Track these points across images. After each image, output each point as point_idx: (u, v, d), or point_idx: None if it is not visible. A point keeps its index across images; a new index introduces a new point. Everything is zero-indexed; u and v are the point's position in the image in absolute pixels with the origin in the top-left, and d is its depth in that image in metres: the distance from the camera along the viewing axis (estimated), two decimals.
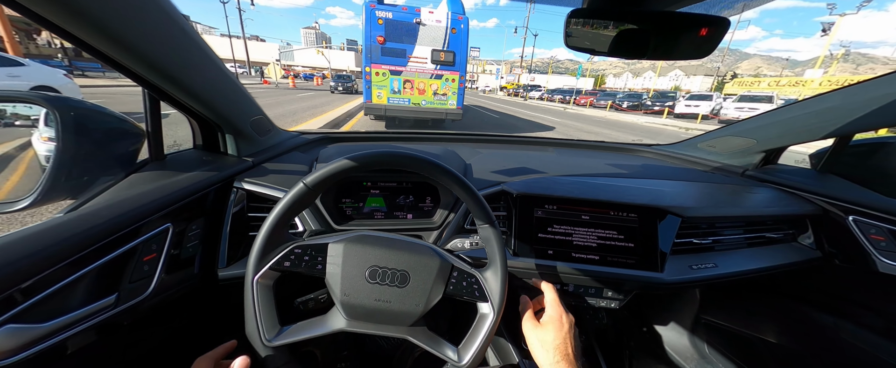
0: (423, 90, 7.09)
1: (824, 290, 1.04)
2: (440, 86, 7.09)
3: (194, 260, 0.69)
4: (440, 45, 6.74)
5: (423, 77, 6.98)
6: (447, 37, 6.68)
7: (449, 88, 7.13)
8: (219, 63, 0.69)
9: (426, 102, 7.21)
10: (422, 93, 7.13)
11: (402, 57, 6.74)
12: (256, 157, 0.88)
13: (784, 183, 1.08)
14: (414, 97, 7.13)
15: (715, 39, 0.54)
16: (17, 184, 0.71)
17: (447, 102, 7.26)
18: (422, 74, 6.95)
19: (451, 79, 7.05)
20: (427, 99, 7.19)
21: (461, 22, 6.60)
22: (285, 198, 0.50)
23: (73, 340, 0.47)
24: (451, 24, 6.59)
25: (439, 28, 6.61)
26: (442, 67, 6.92)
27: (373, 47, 6.51)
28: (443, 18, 6.56)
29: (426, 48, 6.72)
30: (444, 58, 6.80)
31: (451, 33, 6.64)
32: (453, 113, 7.35)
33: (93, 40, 0.46)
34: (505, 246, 0.59)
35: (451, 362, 0.55)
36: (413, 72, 6.89)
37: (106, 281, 0.51)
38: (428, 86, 7.08)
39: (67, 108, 0.58)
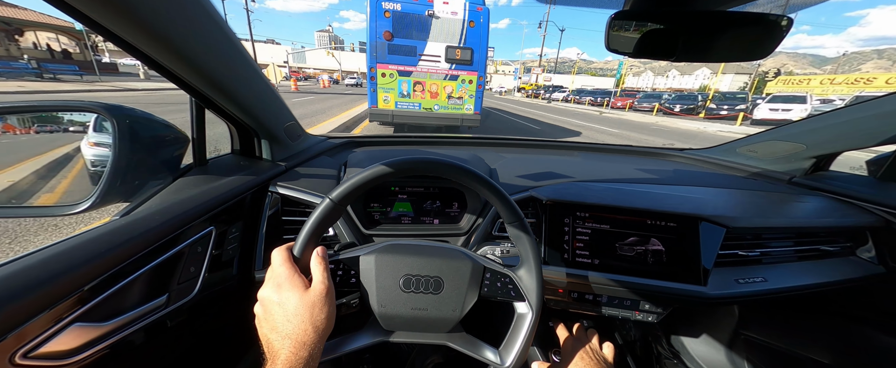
0: (437, 93, 6.12)
1: (887, 309, 0.95)
2: (455, 88, 6.12)
3: (233, 262, 0.72)
4: (456, 40, 5.73)
5: (437, 78, 6.00)
6: (464, 31, 5.67)
7: (465, 91, 6.17)
8: (259, 71, 0.71)
9: (439, 107, 6.27)
10: (434, 97, 6.16)
11: (413, 55, 5.78)
12: (289, 162, 0.90)
13: (839, 191, 1.00)
14: (425, 101, 6.18)
15: (773, 40, 0.51)
16: (70, 186, 0.77)
17: (463, 107, 6.32)
18: (435, 75, 5.97)
19: (469, 81, 6.08)
20: (440, 103, 6.24)
21: (480, 14, 5.58)
22: (314, 216, 0.49)
23: (128, 339, 0.49)
24: (470, 17, 5.60)
25: (455, 21, 5.61)
26: (458, 67, 5.92)
27: (378, 44, 5.58)
28: (459, 10, 5.54)
29: (440, 45, 5.73)
30: (460, 56, 5.78)
31: (469, 27, 5.64)
32: (470, 118, 6.41)
33: (153, 52, 0.49)
34: (537, 243, 0.57)
35: (494, 365, 0.55)
36: (425, 72, 5.92)
37: (159, 281, 0.53)
38: (441, 89, 6.10)
39: (123, 116, 0.61)
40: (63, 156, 0.78)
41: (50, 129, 0.79)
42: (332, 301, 0.48)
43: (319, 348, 0.44)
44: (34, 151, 0.77)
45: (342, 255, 0.56)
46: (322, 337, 0.45)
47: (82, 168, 0.75)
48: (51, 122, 0.79)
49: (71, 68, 19.99)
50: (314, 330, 0.43)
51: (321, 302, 0.45)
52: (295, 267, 0.47)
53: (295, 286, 0.45)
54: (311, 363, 0.42)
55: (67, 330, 0.41)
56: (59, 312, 0.40)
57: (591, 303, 0.88)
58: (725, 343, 1.22)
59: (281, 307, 0.44)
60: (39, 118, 0.78)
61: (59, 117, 0.81)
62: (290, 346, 0.41)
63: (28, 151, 0.78)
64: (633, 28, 0.58)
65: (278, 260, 0.48)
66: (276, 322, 0.43)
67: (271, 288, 0.46)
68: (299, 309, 0.44)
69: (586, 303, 0.88)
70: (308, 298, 0.45)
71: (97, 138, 0.76)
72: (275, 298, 0.45)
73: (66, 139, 0.78)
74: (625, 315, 0.88)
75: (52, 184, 0.77)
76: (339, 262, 0.55)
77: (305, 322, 0.43)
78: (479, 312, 0.61)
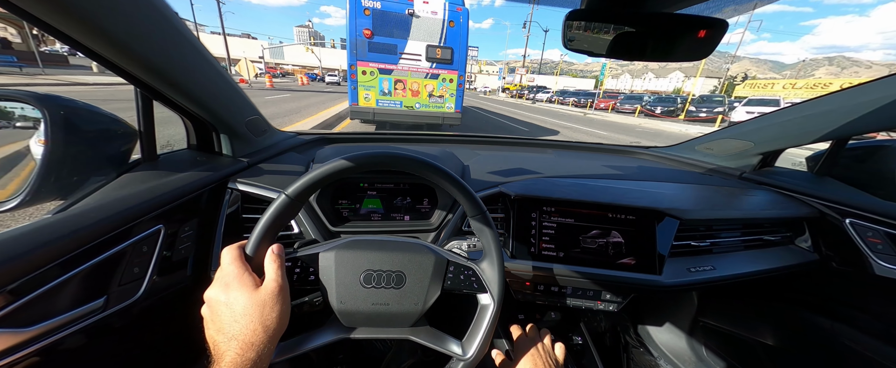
0: (417, 91, 6.25)
1: (821, 293, 1.04)
2: (436, 86, 6.27)
3: (187, 262, 0.68)
4: (436, 39, 5.87)
5: (417, 76, 6.13)
6: (444, 30, 5.83)
7: (446, 89, 6.32)
8: (213, 61, 0.68)
9: (420, 105, 6.41)
10: (415, 95, 6.28)
11: (393, 53, 5.88)
12: (252, 158, 0.87)
13: (781, 185, 1.08)
14: (406, 99, 6.29)
15: (713, 41, 0.54)
16: (12, 187, 0.70)
17: (444, 105, 6.46)
18: (415, 73, 6.09)
19: (449, 80, 6.24)
20: (422, 101, 6.38)
21: (460, 14, 5.76)
22: (268, 212, 0.48)
23: (60, 344, 0.45)
24: (450, 17, 5.74)
25: (435, 20, 5.76)
26: (438, 66, 6.08)
27: (359, 42, 5.63)
28: (439, 10, 5.70)
29: (420, 43, 5.86)
30: (440, 55, 5.94)
31: (449, 27, 5.81)
32: (451, 117, 6.57)
33: (84, 38, 0.45)
34: (499, 236, 0.58)
35: (456, 356, 0.55)
36: (405, 70, 6.04)
37: (95, 283, 0.50)
38: (422, 87, 6.23)
39: (57, 107, 0.57)
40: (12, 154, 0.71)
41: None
42: (286, 299, 0.46)
43: (270, 349, 0.43)
44: None
45: (300, 253, 0.54)
46: (273, 338, 0.43)
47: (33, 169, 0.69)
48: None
49: (7, 59, 17.74)
50: (264, 331, 0.42)
51: (273, 300, 0.44)
52: (245, 266, 0.46)
53: (244, 285, 0.44)
54: (259, 364, 0.40)
55: None
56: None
57: (556, 295, 0.91)
58: (686, 330, 1.30)
59: (228, 307, 0.42)
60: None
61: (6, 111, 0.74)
62: (237, 347, 0.40)
63: None
64: (592, 29, 0.60)
65: (228, 258, 0.46)
66: (223, 324, 0.42)
67: (219, 287, 0.44)
68: (248, 309, 0.42)
69: (552, 295, 0.90)
70: (258, 297, 0.43)
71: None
72: (222, 298, 0.43)
73: (14, 136, 0.70)
74: (588, 306, 0.91)
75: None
76: (296, 260, 0.54)
77: (254, 322, 0.42)
78: (446, 305, 0.61)
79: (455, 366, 0.55)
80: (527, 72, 56.27)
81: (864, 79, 1.07)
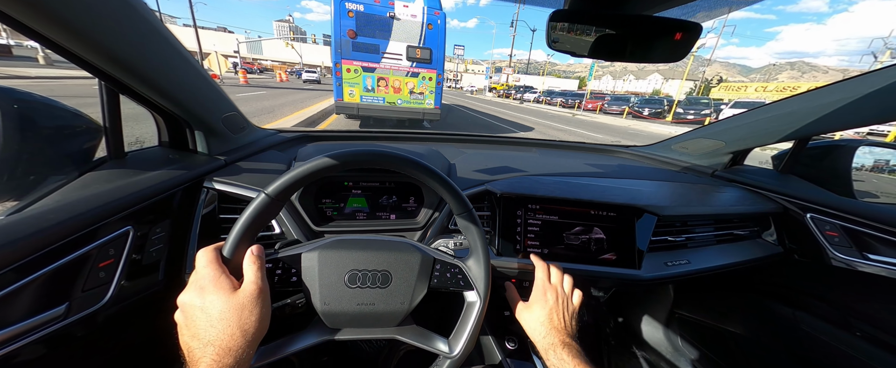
0: (399, 88, 6.74)
1: (786, 284, 1.11)
2: (417, 84, 6.77)
3: (159, 266, 0.65)
4: (416, 41, 6.39)
5: (399, 74, 6.62)
6: (423, 32, 6.35)
7: (426, 87, 6.83)
8: (185, 54, 0.65)
9: (402, 101, 6.87)
10: (397, 92, 6.77)
11: (376, 53, 6.35)
12: (229, 156, 0.83)
13: (749, 182, 1.14)
14: (389, 96, 6.76)
15: (688, 44, 0.56)
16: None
17: (424, 102, 6.96)
18: (397, 72, 6.59)
19: (429, 78, 6.76)
20: (403, 98, 6.84)
21: (438, 17, 6.31)
22: (247, 212, 0.46)
23: (15, 355, 0.42)
24: (428, 20, 6.26)
25: (414, 23, 6.27)
26: (418, 65, 6.60)
27: (343, 42, 6.09)
28: (418, 13, 6.21)
29: (401, 44, 6.35)
30: (420, 55, 6.45)
31: (428, 29, 6.33)
32: (431, 113, 7.09)
33: (41, 27, 0.42)
34: (484, 233, 0.59)
35: (443, 354, 0.55)
36: (387, 69, 6.51)
37: (55, 289, 0.46)
38: (404, 85, 6.72)
39: (10, 100, 0.52)
40: None
41: None
42: (266, 302, 0.45)
43: (249, 354, 0.41)
44: None
45: (282, 254, 0.53)
46: (252, 342, 0.42)
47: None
48: None
49: None
50: (242, 335, 0.40)
51: (252, 303, 0.42)
52: (222, 268, 0.44)
53: (220, 288, 0.42)
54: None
55: None
56: None
57: None
58: (663, 321, 1.36)
59: (204, 311, 0.40)
60: None
61: None
62: (213, 353, 0.38)
63: None
64: (575, 30, 0.61)
65: (203, 260, 0.44)
66: (198, 329, 0.40)
67: (194, 291, 0.42)
68: (225, 313, 0.40)
69: None
70: (236, 300, 0.41)
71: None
72: (197, 302, 0.41)
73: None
74: None
75: None
76: (278, 261, 0.52)
77: (232, 326, 0.40)
78: (433, 304, 0.61)
79: (442, 364, 0.55)
80: (513, 71, 56.50)
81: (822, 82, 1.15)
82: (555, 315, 0.62)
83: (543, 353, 0.59)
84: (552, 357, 0.57)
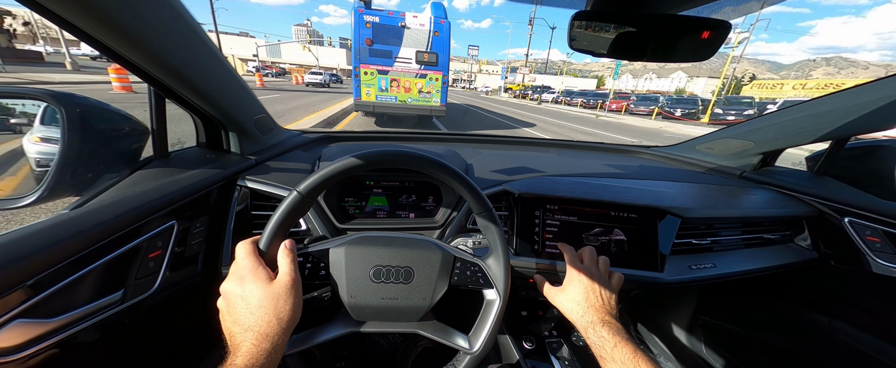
0: (409, 88, 7.66)
1: (819, 291, 1.06)
2: (425, 84, 7.68)
3: (198, 258, 0.70)
4: (424, 46, 7.34)
5: (409, 76, 7.54)
6: (430, 39, 7.32)
7: (433, 87, 7.72)
8: (224, 60, 0.69)
9: (412, 100, 7.76)
10: (407, 91, 7.68)
11: (389, 57, 7.29)
12: (259, 156, 0.88)
13: (781, 184, 1.09)
14: (400, 95, 7.67)
15: (717, 42, 0.55)
16: (21, 183, 0.71)
17: (431, 100, 7.85)
18: (407, 74, 7.51)
19: (435, 79, 7.66)
20: (413, 96, 7.74)
21: (443, 26, 7.25)
22: (281, 208, 0.49)
23: (79, 336, 0.47)
24: (434, 28, 7.21)
25: (422, 31, 7.25)
26: (426, 67, 7.49)
27: (361, 49, 7.07)
28: (426, 22, 7.17)
29: (411, 49, 7.30)
30: (427, 59, 7.38)
31: (434, 36, 7.27)
32: (437, 110, 8.00)
33: (104, 37, 0.46)
34: (505, 233, 0.60)
35: (463, 350, 0.56)
36: (399, 71, 7.44)
37: (113, 277, 0.51)
38: (413, 85, 7.65)
39: (73, 105, 0.58)
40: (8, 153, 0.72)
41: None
42: (299, 293, 0.48)
43: (283, 340, 0.44)
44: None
45: (311, 248, 0.56)
46: (287, 329, 0.45)
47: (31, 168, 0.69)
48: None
49: None
50: (278, 322, 0.43)
51: (286, 293, 0.45)
52: (259, 260, 0.47)
53: (259, 278, 0.45)
54: (274, 355, 0.41)
55: (8, 327, 0.39)
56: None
57: None
58: (685, 327, 1.32)
59: (244, 299, 0.44)
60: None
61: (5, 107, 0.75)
62: (253, 338, 0.41)
63: None
64: (595, 28, 0.61)
65: (242, 253, 0.47)
66: (239, 315, 0.43)
67: (234, 280, 0.45)
68: (263, 301, 0.43)
69: None
70: (272, 290, 0.44)
71: (44, 133, 0.70)
72: (238, 291, 0.44)
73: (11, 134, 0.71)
74: None
75: None
76: (308, 255, 0.55)
77: (269, 314, 0.43)
78: (450, 301, 0.62)
79: (462, 360, 0.57)
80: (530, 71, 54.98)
81: (862, 79, 1.08)
82: (591, 294, 0.60)
83: (583, 332, 0.58)
84: (592, 335, 0.55)
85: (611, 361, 0.51)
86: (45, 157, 0.70)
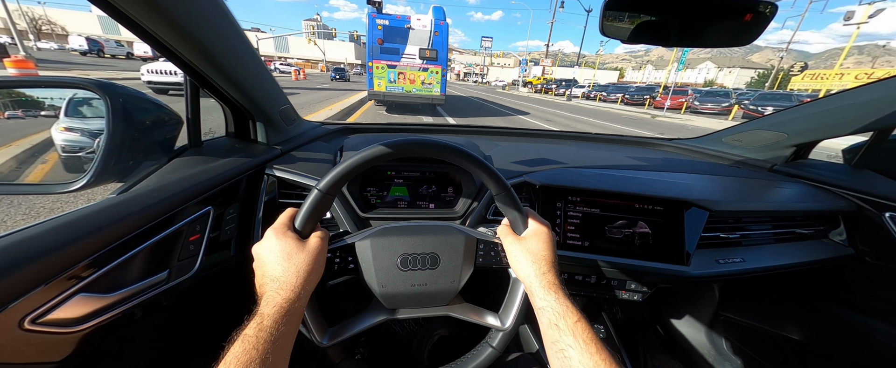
0: (414, 80, 9.27)
1: (855, 288, 1.02)
2: (426, 77, 9.28)
3: (231, 243, 0.72)
4: (426, 44, 8.89)
5: (413, 70, 9.13)
6: (431, 38, 8.85)
7: (434, 79, 9.31)
8: (255, 51, 0.71)
9: (416, 90, 9.37)
10: (412, 83, 9.29)
11: (397, 54, 8.88)
12: (284, 145, 0.90)
13: (816, 178, 1.05)
14: (406, 86, 9.28)
15: (760, 25, 0.53)
16: (52, 169, 0.75)
17: (432, 90, 9.46)
18: (412, 68, 9.09)
19: (435, 72, 9.21)
20: (416, 87, 9.33)
21: (442, 27, 8.80)
22: (304, 207, 0.50)
23: (132, 311, 0.50)
24: (435, 28, 8.75)
25: (425, 31, 8.82)
26: (427, 62, 9.04)
27: (374, 47, 8.72)
28: (427, 24, 8.72)
29: (415, 47, 8.86)
30: (428, 55, 8.98)
31: (435, 36, 8.81)
32: (437, 99, 9.65)
33: (154, 26, 0.48)
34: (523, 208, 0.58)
35: (495, 328, 0.58)
36: (405, 66, 9.04)
37: (159, 257, 0.54)
38: (417, 77, 9.25)
39: (116, 95, 0.61)
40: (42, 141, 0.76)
41: (21, 115, 0.77)
42: (321, 257, 0.49)
43: (304, 293, 0.45)
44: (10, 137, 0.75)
45: (337, 244, 0.57)
46: (306, 283, 0.45)
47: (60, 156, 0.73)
48: (22, 106, 0.76)
49: None
50: (296, 275, 0.44)
51: (309, 252, 0.47)
52: (292, 226, 0.49)
53: (287, 237, 0.47)
54: (296, 304, 0.43)
55: (73, 299, 0.41)
56: (65, 281, 0.40)
57: (580, 284, 0.91)
58: (706, 323, 1.29)
59: (271, 252, 0.46)
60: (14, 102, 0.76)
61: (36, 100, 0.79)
62: (276, 287, 0.43)
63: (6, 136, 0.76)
64: (627, 15, 0.60)
65: (279, 221, 0.50)
66: (267, 268, 0.45)
67: (264, 241, 0.48)
68: (288, 255, 0.45)
69: (576, 284, 0.91)
70: (297, 246, 0.47)
71: (69, 123, 0.74)
72: (266, 245, 0.47)
73: (39, 125, 0.75)
74: (611, 295, 0.92)
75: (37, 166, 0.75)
76: (335, 251, 0.56)
77: (291, 265, 0.45)
78: (478, 284, 0.63)
79: (495, 336, 0.58)
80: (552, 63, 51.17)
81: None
82: (552, 252, 0.54)
83: (540, 292, 0.50)
84: (550, 299, 0.48)
85: (571, 336, 0.44)
86: (70, 144, 0.75)
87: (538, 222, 0.57)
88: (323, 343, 0.53)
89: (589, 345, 0.42)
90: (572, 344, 0.43)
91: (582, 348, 0.42)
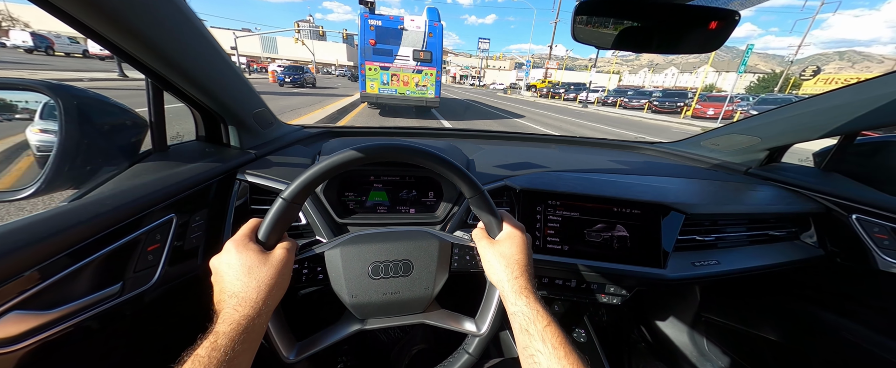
0: (407, 82, 8.97)
1: (826, 288, 1.04)
2: (421, 79, 8.99)
3: (198, 252, 0.69)
4: (420, 46, 8.61)
5: (407, 72, 8.84)
6: (425, 40, 8.57)
7: (428, 81, 9.04)
8: (223, 53, 0.68)
9: (410, 92, 9.07)
10: (406, 85, 8.98)
11: (390, 56, 8.57)
12: (259, 150, 0.88)
13: (787, 181, 1.07)
14: (400, 88, 8.95)
15: (724, 33, 0.53)
16: (21, 176, 0.71)
17: (427, 92, 9.17)
18: (405, 70, 8.79)
19: (430, 74, 8.95)
20: (411, 89, 9.04)
21: (436, 28, 8.51)
22: (268, 217, 0.47)
23: (77, 328, 0.47)
24: (429, 30, 8.46)
25: (419, 32, 8.52)
26: (422, 64, 8.74)
27: (366, 48, 8.35)
28: (422, 25, 8.41)
29: (409, 49, 8.57)
30: (423, 56, 8.64)
31: (429, 37, 8.54)
32: (432, 101, 9.36)
33: (101, 27, 0.46)
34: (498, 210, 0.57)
35: (472, 333, 0.57)
36: (398, 68, 8.70)
37: (111, 270, 0.51)
38: (411, 79, 8.95)
39: (70, 97, 0.57)
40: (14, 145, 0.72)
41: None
42: (286, 269, 0.47)
43: (266, 308, 0.43)
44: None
45: (305, 254, 0.55)
46: (267, 297, 0.43)
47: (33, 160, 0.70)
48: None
49: None
50: (257, 288, 0.42)
51: (272, 263, 0.45)
52: (254, 237, 0.47)
53: (248, 249, 0.45)
54: (256, 321, 0.41)
55: (5, 318, 0.38)
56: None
57: (560, 288, 0.91)
58: (688, 324, 1.31)
59: (229, 266, 0.44)
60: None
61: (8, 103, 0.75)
62: (234, 303, 0.41)
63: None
64: (598, 20, 0.60)
65: (240, 233, 0.48)
66: (225, 283, 0.43)
67: (223, 252, 0.46)
68: (247, 268, 0.43)
69: (556, 288, 0.91)
70: (259, 258, 0.45)
71: (44, 125, 0.71)
72: (224, 259, 0.45)
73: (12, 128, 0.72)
74: (592, 299, 0.92)
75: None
76: (303, 261, 0.54)
77: (251, 280, 0.43)
78: (455, 290, 0.62)
79: (471, 342, 0.57)
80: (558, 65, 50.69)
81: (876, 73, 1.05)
82: (526, 256, 0.53)
83: (511, 296, 0.49)
84: (521, 304, 0.47)
85: (541, 341, 0.43)
86: (44, 144, 0.71)
87: (512, 225, 0.56)
88: (289, 358, 0.50)
89: (557, 350, 0.42)
90: (542, 350, 0.42)
91: (550, 353, 0.42)
